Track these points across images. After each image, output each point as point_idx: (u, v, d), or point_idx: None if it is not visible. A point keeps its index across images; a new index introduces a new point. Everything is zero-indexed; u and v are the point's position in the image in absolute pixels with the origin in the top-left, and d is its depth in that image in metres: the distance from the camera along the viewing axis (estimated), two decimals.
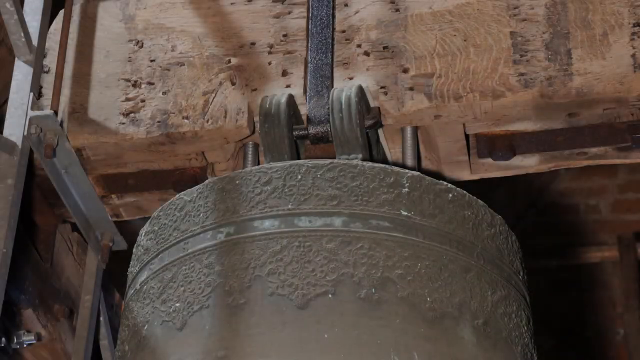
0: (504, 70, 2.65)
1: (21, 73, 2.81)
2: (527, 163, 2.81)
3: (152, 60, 2.84)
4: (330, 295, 2.24)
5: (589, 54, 2.64)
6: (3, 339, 3.02)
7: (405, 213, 2.36)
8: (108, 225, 3.03)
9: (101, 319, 3.30)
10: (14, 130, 2.72)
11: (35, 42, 2.83)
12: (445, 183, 2.45)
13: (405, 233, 2.34)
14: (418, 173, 2.43)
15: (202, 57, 2.82)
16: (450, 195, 2.43)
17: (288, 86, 2.74)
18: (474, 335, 2.29)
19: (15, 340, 3.06)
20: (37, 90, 2.82)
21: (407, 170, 2.43)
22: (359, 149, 2.57)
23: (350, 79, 2.72)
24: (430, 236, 2.35)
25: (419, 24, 2.75)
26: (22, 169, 2.69)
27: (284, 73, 2.76)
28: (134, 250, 2.61)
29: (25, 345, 3.08)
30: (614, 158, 2.79)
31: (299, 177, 2.39)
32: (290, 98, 2.66)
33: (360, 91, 2.63)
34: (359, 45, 2.76)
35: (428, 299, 2.27)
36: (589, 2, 2.69)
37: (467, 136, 2.76)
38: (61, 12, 2.93)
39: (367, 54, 2.75)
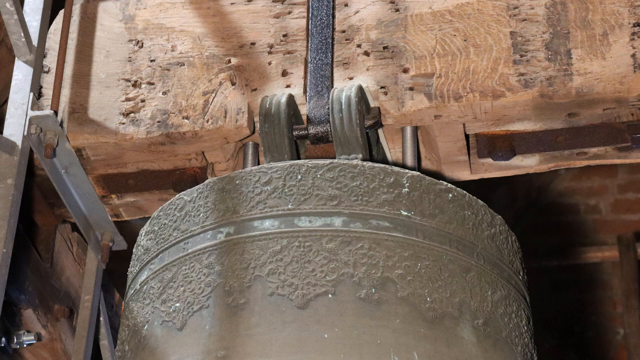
0: (504, 70, 2.65)
1: (21, 73, 2.81)
2: (527, 163, 2.81)
3: (152, 60, 2.84)
4: (330, 295, 2.24)
5: (589, 54, 2.64)
6: (3, 339, 3.02)
7: (405, 213, 2.36)
8: (108, 225, 3.03)
9: (101, 319, 3.30)
10: (14, 130, 2.72)
11: (35, 42, 2.83)
12: (445, 183, 2.44)
13: (405, 233, 2.34)
14: (418, 173, 2.43)
15: (202, 57, 2.82)
16: (450, 195, 2.43)
17: (288, 86, 2.73)
18: (474, 335, 2.29)
19: (15, 340, 3.06)
20: (37, 90, 2.82)
21: (407, 170, 2.43)
22: (359, 149, 2.57)
23: (350, 79, 2.72)
24: (430, 236, 2.35)
25: (419, 24, 2.75)
26: (22, 169, 2.69)
27: (284, 73, 2.76)
28: (134, 250, 2.61)
29: (25, 345, 3.08)
30: (614, 158, 2.79)
31: (299, 177, 2.39)
32: (290, 98, 2.66)
33: (360, 91, 2.63)
34: (359, 45, 2.76)
35: (428, 299, 2.27)
36: (589, 2, 2.69)
37: (467, 136, 2.76)
38: (61, 12, 2.93)
39: (367, 54, 2.74)
